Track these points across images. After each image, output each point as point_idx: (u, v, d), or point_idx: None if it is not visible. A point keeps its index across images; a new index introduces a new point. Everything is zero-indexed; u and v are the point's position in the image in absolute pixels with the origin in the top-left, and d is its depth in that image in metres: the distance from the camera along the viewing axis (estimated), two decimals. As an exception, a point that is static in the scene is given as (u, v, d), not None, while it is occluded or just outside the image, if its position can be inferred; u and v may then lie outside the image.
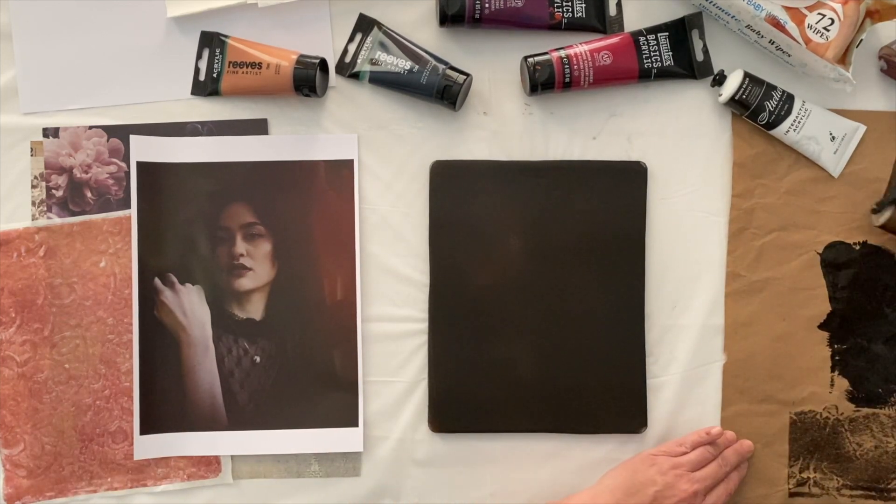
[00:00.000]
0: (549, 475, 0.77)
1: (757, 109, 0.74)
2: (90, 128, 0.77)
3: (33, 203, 0.77)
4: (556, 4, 0.75)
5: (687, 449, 0.73)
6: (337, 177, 0.77)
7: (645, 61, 0.75)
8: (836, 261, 0.77)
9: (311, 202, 0.77)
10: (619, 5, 0.77)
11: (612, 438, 0.77)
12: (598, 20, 0.76)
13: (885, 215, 0.74)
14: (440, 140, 0.77)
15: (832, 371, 0.77)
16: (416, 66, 0.74)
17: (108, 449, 0.76)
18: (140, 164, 0.76)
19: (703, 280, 0.77)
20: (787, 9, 0.70)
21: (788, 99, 0.75)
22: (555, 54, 0.74)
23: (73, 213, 0.77)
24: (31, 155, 0.77)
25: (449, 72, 0.74)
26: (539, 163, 0.77)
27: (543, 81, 0.74)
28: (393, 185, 0.77)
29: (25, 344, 0.76)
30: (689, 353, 0.77)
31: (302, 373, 0.76)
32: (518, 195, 0.76)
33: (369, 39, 0.76)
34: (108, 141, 0.77)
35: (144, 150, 0.76)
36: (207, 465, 0.77)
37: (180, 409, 0.76)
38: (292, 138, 0.77)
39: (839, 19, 0.70)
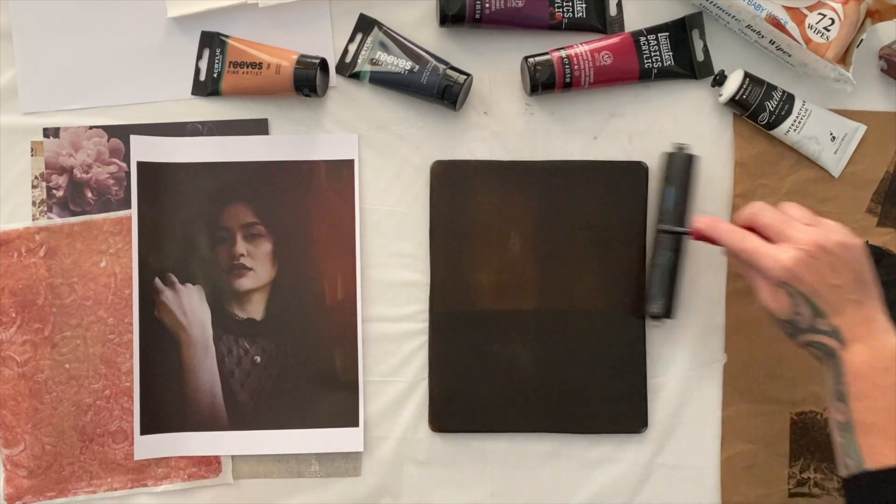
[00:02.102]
0: (549, 475, 0.77)
1: (757, 109, 0.74)
2: (90, 128, 0.77)
3: (34, 203, 0.77)
4: (556, 4, 0.75)
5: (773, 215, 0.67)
6: (337, 177, 0.77)
7: (645, 61, 0.75)
8: (836, 261, 0.77)
9: (312, 202, 0.77)
10: (619, 5, 0.77)
11: (612, 438, 0.77)
12: (599, 20, 0.76)
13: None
14: (440, 140, 0.77)
15: (833, 371, 0.77)
16: (417, 66, 0.74)
17: (109, 449, 0.76)
18: (140, 164, 0.76)
19: (703, 280, 0.77)
20: (788, 9, 0.70)
21: (789, 99, 0.75)
22: (555, 54, 0.74)
23: (74, 213, 0.77)
24: (32, 155, 0.77)
25: (449, 72, 0.74)
26: (539, 163, 0.77)
27: (544, 81, 0.74)
28: (393, 185, 0.77)
29: (26, 344, 0.76)
30: (689, 352, 0.77)
31: (302, 373, 0.76)
32: (518, 195, 0.76)
33: (370, 39, 0.76)
34: (108, 141, 0.77)
35: (145, 150, 0.76)
36: (208, 465, 0.77)
37: (181, 409, 0.76)
38: (292, 138, 0.77)
39: (839, 19, 0.70)
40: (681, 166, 0.74)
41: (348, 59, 0.77)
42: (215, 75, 0.76)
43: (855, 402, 0.63)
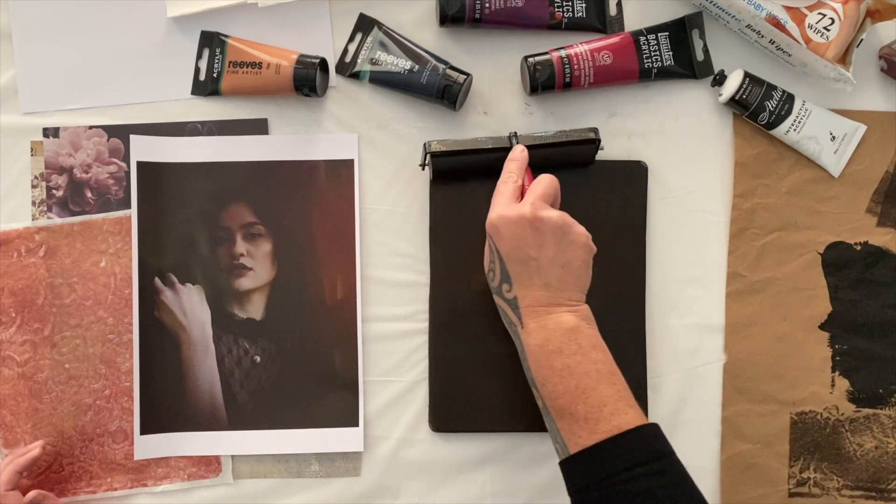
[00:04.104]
0: (549, 475, 0.77)
1: (757, 109, 0.74)
2: (90, 128, 0.77)
3: (33, 203, 0.77)
4: (556, 4, 0.75)
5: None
6: (337, 176, 0.77)
7: (645, 61, 0.75)
8: (836, 261, 0.77)
9: (312, 202, 0.77)
10: (619, 5, 0.77)
11: (613, 438, 0.77)
12: (599, 20, 0.76)
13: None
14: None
15: (833, 371, 0.77)
16: (417, 66, 0.74)
17: (109, 449, 0.76)
18: (140, 164, 0.76)
19: (703, 280, 0.77)
20: (788, 8, 0.70)
21: (788, 99, 0.75)
22: (555, 54, 0.74)
23: (74, 213, 0.77)
24: (32, 155, 0.77)
25: (449, 71, 0.74)
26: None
27: (544, 81, 0.74)
28: (393, 184, 0.77)
29: (26, 344, 0.76)
30: (689, 352, 0.77)
31: (302, 373, 0.76)
32: (518, 195, 0.76)
33: (369, 39, 0.76)
34: (108, 141, 0.77)
35: (144, 149, 0.76)
36: (208, 465, 0.77)
37: (180, 409, 0.76)
38: (292, 138, 0.77)
39: (839, 19, 0.70)
40: None
41: (348, 58, 0.77)
42: (215, 75, 0.76)
43: (542, 387, 0.64)
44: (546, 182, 0.67)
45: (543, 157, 0.71)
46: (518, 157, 0.69)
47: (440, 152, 0.70)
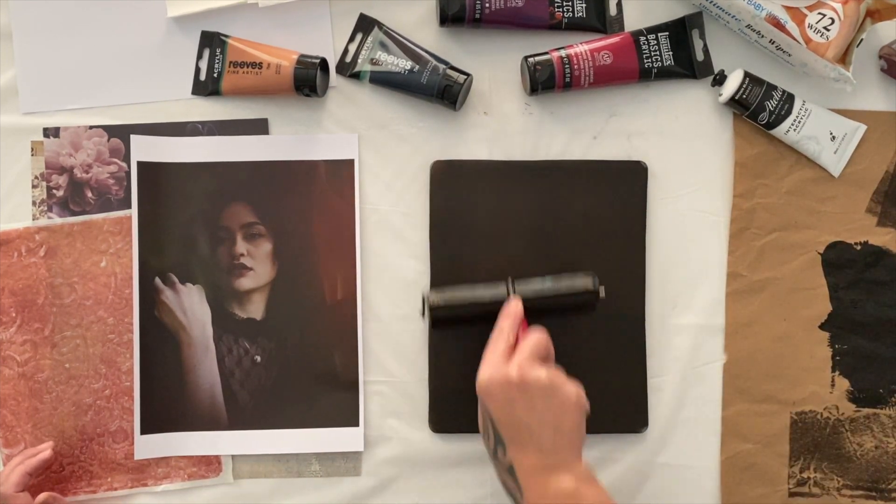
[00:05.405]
0: (550, 475, 0.77)
1: (757, 109, 0.74)
2: (90, 127, 0.77)
3: (34, 203, 0.77)
4: (556, 4, 0.75)
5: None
6: (337, 177, 0.77)
7: (645, 61, 0.75)
8: (836, 261, 0.77)
9: (312, 202, 0.77)
10: (619, 5, 0.77)
11: (612, 438, 0.77)
12: (599, 20, 0.76)
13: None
14: (440, 140, 0.77)
15: (833, 371, 0.77)
16: (417, 66, 0.74)
17: (109, 449, 0.77)
18: (140, 164, 0.76)
19: (703, 280, 0.77)
20: (788, 8, 0.70)
21: (788, 99, 0.75)
22: (555, 54, 0.74)
23: (74, 213, 0.77)
24: (32, 155, 0.77)
25: (449, 72, 0.74)
26: (539, 163, 0.77)
27: (544, 81, 0.74)
28: (393, 184, 0.77)
29: (26, 344, 0.76)
30: (689, 352, 0.77)
31: (302, 372, 0.76)
32: (518, 195, 0.76)
33: (370, 39, 0.76)
34: (108, 141, 0.77)
35: (145, 149, 0.76)
36: (208, 465, 0.77)
37: (181, 409, 0.76)
38: (292, 138, 0.77)
39: (839, 19, 0.70)
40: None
41: (348, 58, 0.77)
42: (215, 75, 0.76)
43: None
44: (536, 339, 0.65)
45: (542, 307, 0.71)
46: (512, 312, 0.68)
47: (440, 306, 0.70)
